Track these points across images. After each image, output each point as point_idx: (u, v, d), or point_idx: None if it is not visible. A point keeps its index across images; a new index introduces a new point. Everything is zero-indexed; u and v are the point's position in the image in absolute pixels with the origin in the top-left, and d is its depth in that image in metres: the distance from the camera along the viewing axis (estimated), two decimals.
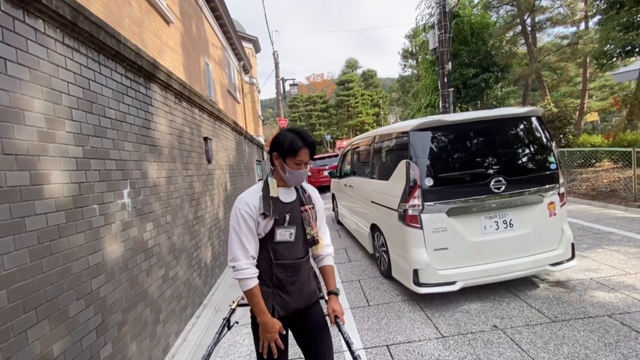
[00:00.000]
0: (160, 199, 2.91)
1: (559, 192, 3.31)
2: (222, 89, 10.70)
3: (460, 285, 3.03)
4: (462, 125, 3.26)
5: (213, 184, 4.65)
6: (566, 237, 3.31)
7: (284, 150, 1.46)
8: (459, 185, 3.13)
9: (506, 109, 3.65)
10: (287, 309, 1.49)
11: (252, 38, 16.51)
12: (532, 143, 3.36)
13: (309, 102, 46.86)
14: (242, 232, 1.42)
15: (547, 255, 3.20)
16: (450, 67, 11.89)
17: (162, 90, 3.16)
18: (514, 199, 3.13)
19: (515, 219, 3.17)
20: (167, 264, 2.94)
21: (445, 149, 3.26)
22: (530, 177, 3.22)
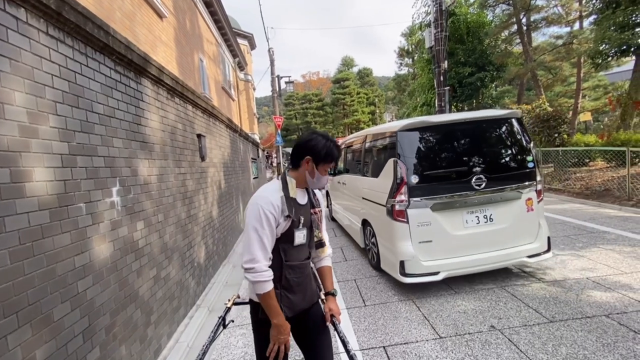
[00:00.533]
0: (151, 197, 2.82)
1: (537, 189, 3.50)
2: (217, 86, 10.56)
3: (443, 275, 3.23)
4: (446, 126, 3.45)
5: (207, 182, 4.57)
6: (543, 231, 3.50)
7: (320, 157, 1.46)
8: (443, 182, 3.30)
9: (487, 111, 3.78)
10: (294, 309, 1.47)
11: (247, 35, 16.34)
12: (512, 143, 3.56)
13: (304, 100, 46.75)
14: (265, 233, 1.36)
15: (524, 248, 3.40)
16: (446, 65, 11.87)
17: (153, 85, 3.07)
18: (493, 195, 3.34)
19: (495, 214, 3.37)
20: (159, 264, 2.86)
21: (430, 148, 3.44)
22: (509, 174, 3.41)
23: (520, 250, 3.38)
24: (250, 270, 1.34)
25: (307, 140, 1.46)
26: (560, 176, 8.40)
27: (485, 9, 12.76)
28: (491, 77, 11.89)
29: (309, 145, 1.45)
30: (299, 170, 1.49)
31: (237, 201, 6.88)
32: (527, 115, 9.28)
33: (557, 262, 3.91)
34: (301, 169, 1.49)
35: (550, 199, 7.62)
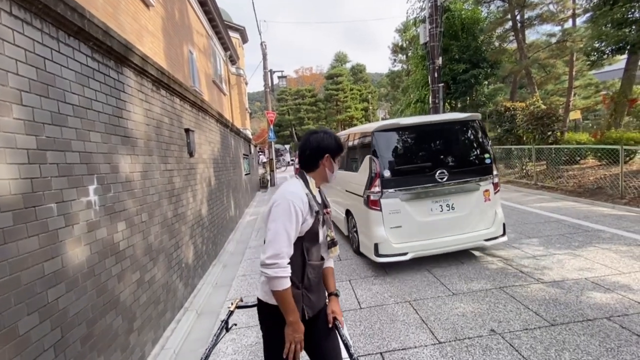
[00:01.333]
0: (134, 195, 2.64)
1: (493, 182, 4.02)
2: (207, 80, 10.29)
3: (410, 255, 3.73)
4: (415, 127, 3.93)
5: (195, 178, 4.38)
6: (498, 218, 4.04)
7: (335, 151, 1.52)
8: (411, 175, 3.79)
9: (451, 114, 4.32)
10: (314, 309, 1.46)
11: (239, 27, 15.99)
12: (472, 142, 4.06)
13: (297, 96, 46.36)
14: (292, 228, 1.33)
15: (482, 232, 3.92)
16: (440, 62, 11.79)
17: (136, 76, 2.87)
18: (455, 187, 3.84)
19: (456, 203, 3.88)
20: (143, 267, 2.69)
21: (401, 146, 3.92)
22: (468, 169, 3.92)
23: (478, 234, 3.90)
24: (272, 265, 1.29)
25: (320, 141, 1.49)
26: (553, 174, 8.41)
27: (480, 5, 12.70)
28: (485, 74, 11.85)
29: (324, 145, 1.49)
30: (318, 170, 1.52)
31: (228, 198, 6.69)
32: (520, 113, 9.27)
33: (554, 261, 3.86)
34: (320, 169, 1.51)
35: (543, 196, 7.62)
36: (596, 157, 9.40)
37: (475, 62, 11.98)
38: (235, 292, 3.91)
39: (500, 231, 4.02)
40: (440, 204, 3.84)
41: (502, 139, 9.84)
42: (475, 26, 12.32)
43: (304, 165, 1.52)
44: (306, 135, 1.54)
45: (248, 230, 7.09)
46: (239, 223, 7.83)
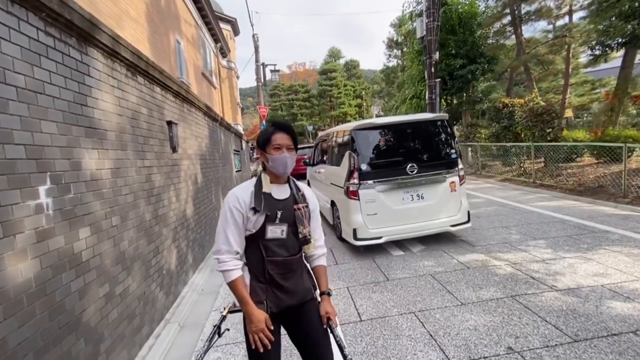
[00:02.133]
0: (102, 196, 2.28)
1: (459, 175, 4.48)
2: (196, 71, 9.83)
3: (384, 239, 4.22)
4: (388, 126, 4.38)
5: (179, 176, 4.01)
6: (463, 206, 4.53)
7: (261, 142, 1.51)
8: (385, 169, 4.24)
9: (420, 115, 4.94)
10: (279, 305, 1.47)
11: (230, 19, 15.47)
12: (439, 139, 4.50)
13: (290, 91, 45.82)
14: (229, 226, 1.42)
15: (448, 219, 4.40)
16: (437, 56, 11.53)
17: (106, 59, 2.50)
18: (424, 179, 4.29)
19: (425, 193, 4.35)
20: (113, 279, 2.34)
21: (376, 143, 4.35)
22: (436, 163, 4.36)
23: (445, 220, 4.38)
24: (217, 260, 1.42)
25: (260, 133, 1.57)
26: (551, 172, 8.24)
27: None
28: (482, 70, 11.64)
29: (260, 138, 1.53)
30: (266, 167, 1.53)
31: (217, 197, 6.32)
32: (519, 109, 9.07)
33: (565, 265, 3.62)
34: (264, 164, 1.54)
35: (543, 195, 7.44)
36: (593, 155, 9.29)
37: (472, 57, 11.75)
38: (222, 300, 3.57)
39: (465, 218, 4.52)
40: (411, 194, 4.29)
41: (500, 136, 9.66)
42: (472, 20, 12.08)
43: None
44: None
45: None
46: None
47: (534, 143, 8.21)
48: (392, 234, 4.22)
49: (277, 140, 1.46)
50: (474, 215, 6.02)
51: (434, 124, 4.54)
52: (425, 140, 4.44)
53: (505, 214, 5.98)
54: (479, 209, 6.48)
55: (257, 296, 1.43)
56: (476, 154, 10.91)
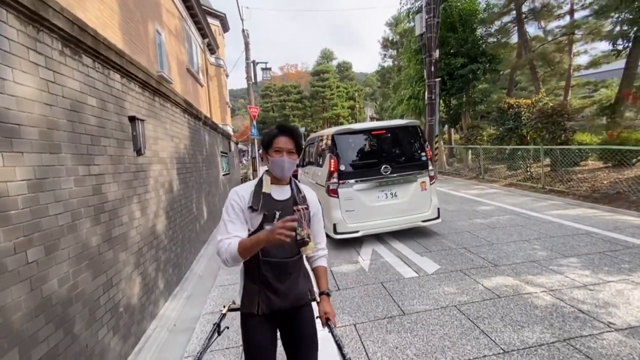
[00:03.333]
0: (7, 220, 1.56)
1: (429, 175, 4.88)
2: (180, 66, 9.07)
3: (361, 233, 4.62)
4: (365, 131, 4.85)
5: (147, 184, 3.28)
6: (433, 204, 4.93)
7: (265, 143, 1.51)
8: (362, 170, 4.64)
9: (394, 121, 5.23)
10: (271, 307, 1.44)
11: (219, 14, 14.72)
12: (411, 143, 4.93)
13: (282, 92, 45.10)
14: (230, 220, 1.42)
15: (420, 215, 4.81)
16: (437, 55, 11.02)
17: (24, 25, 1.78)
18: (397, 179, 4.69)
19: (399, 192, 4.75)
20: (28, 340, 1.61)
21: (354, 146, 4.77)
22: (408, 165, 4.77)
23: (417, 217, 4.78)
24: (219, 252, 1.36)
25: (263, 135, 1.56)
26: (561, 177, 7.73)
27: None
28: (484, 70, 11.16)
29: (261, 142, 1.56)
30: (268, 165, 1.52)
31: (200, 205, 5.58)
32: (526, 110, 8.57)
33: (613, 293, 3.01)
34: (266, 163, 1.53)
35: (556, 202, 6.90)
36: (600, 159, 8.85)
37: (473, 56, 11.25)
38: (198, 338, 2.85)
39: (435, 214, 4.93)
40: (385, 193, 4.70)
41: (505, 138, 9.14)
42: (472, 18, 11.61)
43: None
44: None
45: None
46: (214, 233, 6.71)
47: (543, 146, 7.69)
48: (368, 228, 4.63)
49: (279, 144, 1.46)
50: (487, 225, 5.43)
51: (406, 129, 4.96)
52: (398, 145, 4.87)
53: (521, 225, 5.40)
54: (491, 218, 5.89)
55: (250, 298, 1.44)
56: (478, 157, 10.39)
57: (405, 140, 4.93)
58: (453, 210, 6.68)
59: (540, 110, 7.61)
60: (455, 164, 13.41)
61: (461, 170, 12.11)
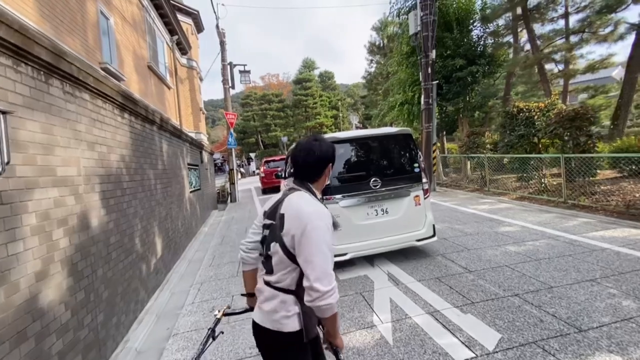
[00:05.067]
0: None
1: (423, 188, 4.44)
2: (139, 62, 7.60)
3: (349, 256, 4.10)
4: (351, 140, 4.31)
5: (16, 225, 1.83)
6: (428, 220, 4.43)
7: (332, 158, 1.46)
8: (348, 183, 4.17)
9: (383, 129, 4.62)
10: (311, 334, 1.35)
11: (191, 11, 13.34)
12: (402, 153, 4.50)
13: (263, 101, 43.73)
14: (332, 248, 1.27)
15: (413, 233, 4.33)
16: (434, 55, 10.06)
17: None
18: (387, 193, 4.24)
19: (390, 207, 4.28)
20: None
21: (339, 157, 4.18)
22: (399, 177, 4.35)
23: (410, 235, 4.29)
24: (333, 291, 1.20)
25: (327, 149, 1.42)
26: (584, 189, 6.76)
27: None
28: (483, 72, 10.33)
29: (330, 154, 1.44)
30: (320, 180, 1.45)
31: (148, 240, 4.12)
32: (539, 114, 7.66)
33: None
34: (322, 178, 1.46)
35: (587, 219, 5.85)
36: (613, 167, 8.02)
37: (471, 58, 10.41)
38: None
39: (431, 232, 4.39)
40: (375, 209, 4.20)
41: (515, 146, 8.19)
42: (469, 18, 10.83)
43: (307, 176, 1.42)
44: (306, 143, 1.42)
45: (184, 285, 4.52)
46: (175, 269, 5.21)
47: (564, 154, 6.72)
48: (357, 250, 4.12)
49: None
50: (525, 255, 4.22)
51: (396, 138, 4.49)
52: (389, 155, 4.45)
53: (569, 254, 4.25)
54: (525, 245, 4.72)
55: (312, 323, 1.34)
56: (482, 168, 9.39)
57: (396, 150, 4.47)
58: (473, 234, 5.49)
59: (560, 114, 6.69)
60: (451, 175, 12.44)
61: (460, 182, 11.10)
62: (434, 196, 9.61)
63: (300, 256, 1.22)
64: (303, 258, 1.21)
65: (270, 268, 1.32)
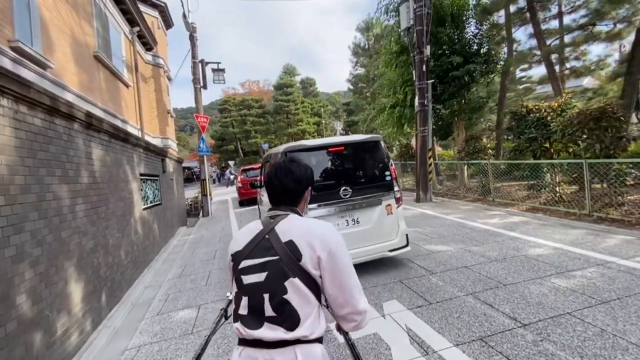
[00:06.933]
0: None
1: (395, 197, 4.30)
2: (80, 50, 6.21)
3: None
4: (320, 148, 4.10)
5: None
6: (401, 230, 4.30)
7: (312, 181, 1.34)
8: (318, 193, 3.88)
9: (354, 136, 4.43)
10: None
11: (157, 3, 11.93)
12: (373, 160, 4.33)
13: (243, 106, 42.21)
14: None
15: (386, 244, 4.17)
16: (429, 52, 9.14)
17: None
18: (358, 203, 4.06)
19: (361, 217, 4.11)
20: None
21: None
22: (370, 186, 4.18)
23: (383, 245, 4.13)
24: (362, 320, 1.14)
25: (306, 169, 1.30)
26: (609, 199, 5.88)
27: None
28: (481, 71, 9.53)
29: (309, 174, 1.32)
30: (300, 207, 1.30)
31: (56, 290, 2.73)
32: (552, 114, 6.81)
33: None
34: (302, 203, 1.31)
35: (628, 238, 4.90)
36: None
37: (467, 56, 9.60)
38: None
39: (404, 242, 4.28)
40: (346, 219, 4.04)
41: (525, 151, 7.31)
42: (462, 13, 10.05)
43: (293, 200, 1.26)
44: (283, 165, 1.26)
45: (112, 354, 3.13)
46: (96, 337, 3.79)
47: (587, 159, 5.81)
48: None
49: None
50: (584, 294, 3.08)
51: (367, 145, 4.33)
52: (359, 162, 4.26)
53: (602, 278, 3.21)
54: (574, 277, 3.65)
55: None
56: (483, 175, 8.46)
57: (367, 157, 4.32)
58: (498, 259, 4.39)
59: (582, 113, 5.83)
60: (445, 183, 11.52)
61: (457, 190, 10.16)
62: (432, 207, 8.58)
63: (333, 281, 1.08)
64: (338, 282, 1.08)
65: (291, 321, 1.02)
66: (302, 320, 1.01)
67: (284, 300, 1.01)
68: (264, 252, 1.08)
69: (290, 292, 1.01)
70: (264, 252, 1.08)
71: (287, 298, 1.01)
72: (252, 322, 1.03)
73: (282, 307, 1.01)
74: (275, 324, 1.01)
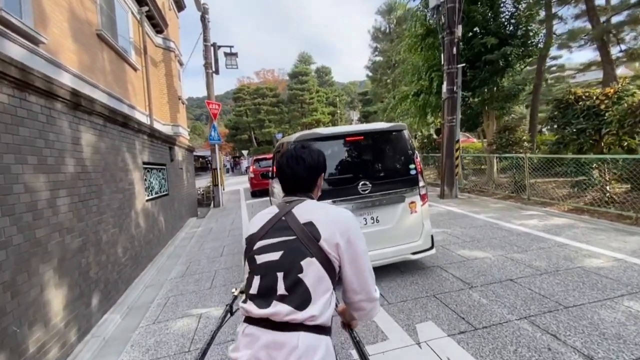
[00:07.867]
0: None
1: (420, 194, 3.85)
2: (80, 26, 5.76)
3: None
4: (336, 137, 3.63)
5: None
6: (426, 230, 3.86)
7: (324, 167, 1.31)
8: (333, 187, 3.52)
9: (375, 124, 3.99)
10: None
11: None
12: (396, 152, 3.87)
13: (257, 95, 41.67)
14: None
15: (409, 245, 3.77)
16: (460, 32, 8.27)
17: None
18: (378, 199, 3.66)
19: (381, 215, 3.70)
20: None
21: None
22: (392, 180, 3.75)
23: (405, 247, 3.74)
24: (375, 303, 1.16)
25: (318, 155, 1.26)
26: None
27: None
28: (517, 55, 8.57)
29: (322, 160, 1.27)
30: (314, 194, 1.27)
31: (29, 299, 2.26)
32: (607, 102, 5.92)
33: None
34: (315, 191, 1.28)
35: None
36: None
37: (502, 37, 8.65)
38: None
39: (429, 244, 3.88)
40: (364, 217, 3.67)
41: (570, 144, 6.47)
42: None
43: (307, 187, 1.24)
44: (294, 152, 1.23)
45: None
46: (81, 350, 3.37)
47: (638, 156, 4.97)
48: None
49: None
50: None
51: (389, 134, 3.86)
52: (380, 154, 3.82)
53: None
54: None
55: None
56: (518, 170, 7.65)
57: (389, 148, 3.91)
58: (550, 272, 3.71)
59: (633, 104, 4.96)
60: (470, 177, 10.70)
61: (484, 187, 9.36)
62: (459, 205, 7.86)
63: (351, 268, 1.08)
64: (355, 268, 1.09)
65: (301, 299, 0.99)
66: (313, 301, 0.99)
67: (298, 279, 1.00)
68: (280, 232, 1.07)
69: (305, 271, 1.00)
70: (280, 232, 1.07)
71: (302, 277, 1.00)
72: (262, 301, 1.01)
73: (295, 286, 1.00)
74: (285, 303, 0.99)
